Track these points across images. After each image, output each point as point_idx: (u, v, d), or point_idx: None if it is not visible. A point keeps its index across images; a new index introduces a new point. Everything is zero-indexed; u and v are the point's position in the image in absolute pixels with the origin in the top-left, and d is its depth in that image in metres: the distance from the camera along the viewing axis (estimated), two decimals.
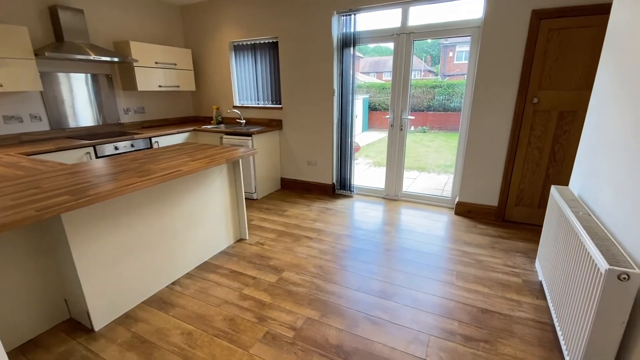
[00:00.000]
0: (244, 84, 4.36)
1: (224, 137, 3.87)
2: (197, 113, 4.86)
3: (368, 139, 10.69)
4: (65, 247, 1.69)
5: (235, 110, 4.31)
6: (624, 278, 1.15)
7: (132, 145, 3.46)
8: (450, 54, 18.32)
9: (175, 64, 4.13)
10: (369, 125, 12.96)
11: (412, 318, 1.88)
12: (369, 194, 4.02)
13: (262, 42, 4.05)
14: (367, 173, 6.11)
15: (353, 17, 3.43)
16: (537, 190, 2.99)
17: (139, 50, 3.71)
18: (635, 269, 1.15)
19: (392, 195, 3.87)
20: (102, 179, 1.78)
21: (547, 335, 1.73)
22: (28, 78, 2.86)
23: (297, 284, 2.20)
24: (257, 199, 3.91)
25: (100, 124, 3.73)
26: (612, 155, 1.56)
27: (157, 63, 3.91)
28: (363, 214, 3.40)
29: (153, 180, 1.78)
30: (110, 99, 3.79)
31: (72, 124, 3.48)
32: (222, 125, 4.38)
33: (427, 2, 3.14)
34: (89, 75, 3.57)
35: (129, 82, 3.79)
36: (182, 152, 2.52)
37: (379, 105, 12.96)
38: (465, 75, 3.16)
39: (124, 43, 3.65)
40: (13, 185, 1.67)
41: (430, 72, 20.84)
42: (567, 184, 2.85)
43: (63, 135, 3.44)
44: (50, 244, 1.78)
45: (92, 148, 3.13)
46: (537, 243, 2.74)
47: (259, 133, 3.77)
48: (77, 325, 1.85)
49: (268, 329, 1.80)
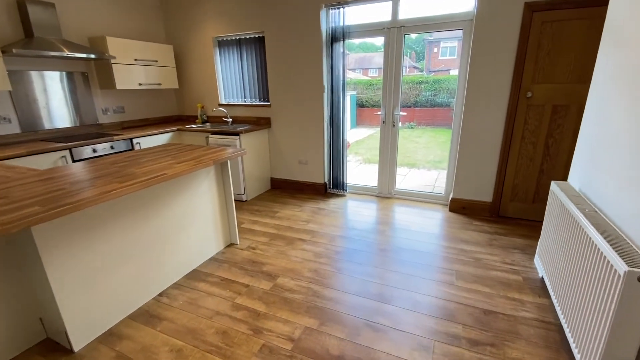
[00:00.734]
0: (230, 81, 4.20)
1: (210, 136, 3.72)
2: (180, 112, 4.66)
3: (357, 136, 10.64)
4: (37, 262, 1.53)
5: (221, 109, 4.15)
6: None
7: (111, 147, 3.27)
8: (435, 50, 18.45)
9: (157, 61, 3.93)
10: (358, 122, 12.93)
11: (414, 323, 1.80)
12: (362, 193, 3.94)
13: (247, 37, 3.90)
14: (358, 170, 6.05)
15: (342, 10, 3.32)
16: (531, 185, 2.97)
17: (117, 47, 3.50)
18: None
19: (385, 193, 3.80)
20: (77, 186, 1.63)
21: (552, 336, 1.69)
22: None
23: (292, 291, 2.10)
24: (246, 201, 3.78)
25: (77, 125, 3.51)
26: (615, 149, 1.52)
27: (136, 60, 3.71)
28: (357, 214, 3.32)
29: (135, 186, 1.64)
30: (87, 99, 3.57)
31: (46, 126, 3.26)
32: (207, 125, 4.22)
33: None
34: (64, 74, 3.34)
35: (107, 80, 3.57)
36: (166, 153, 2.37)
37: (367, 102, 12.92)
38: (458, 70, 3.10)
39: (100, 39, 3.44)
40: None
41: (415, 68, 20.96)
42: (561, 178, 2.84)
43: (36, 138, 3.21)
44: (22, 259, 1.62)
45: (67, 151, 2.93)
46: (533, 239, 2.71)
47: (247, 132, 3.63)
48: (54, 346, 1.70)
49: (264, 342, 1.69)
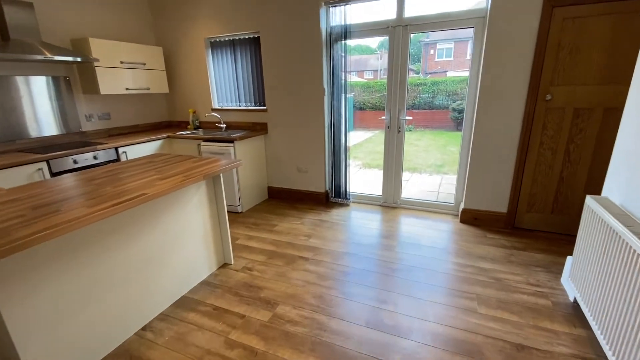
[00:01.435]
0: (223, 85, 3.96)
1: (202, 144, 3.46)
2: (171, 117, 4.40)
3: (355, 139, 10.43)
4: None
5: (214, 114, 3.91)
6: None
7: (95, 158, 3.01)
8: (432, 52, 18.36)
9: (145, 64, 3.67)
10: (355, 125, 12.72)
11: None
12: (366, 202, 3.70)
13: (241, 37, 3.66)
14: (358, 176, 5.81)
15: (343, 8, 3.10)
16: (550, 195, 2.75)
17: (101, 49, 3.25)
18: None
19: (390, 203, 3.56)
20: (39, 212, 1.37)
21: None
22: None
23: (294, 322, 1.85)
24: (242, 212, 3.53)
25: (58, 134, 3.24)
26: None
27: (122, 63, 3.45)
28: (362, 226, 3.08)
29: (106, 212, 1.38)
30: (69, 105, 3.30)
31: (24, 135, 2.99)
32: (199, 131, 3.96)
33: None
34: (43, 79, 3.08)
35: (91, 84, 3.31)
36: (151, 166, 2.11)
37: (364, 105, 12.74)
38: (469, 71, 2.89)
39: (83, 40, 3.18)
40: None
41: (411, 70, 20.85)
42: (583, 188, 2.62)
43: (13, 149, 2.94)
44: None
45: (45, 163, 2.67)
46: (555, 254, 2.49)
47: (242, 139, 3.38)
48: None
49: None
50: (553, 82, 2.52)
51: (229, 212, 3.56)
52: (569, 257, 2.12)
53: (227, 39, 3.74)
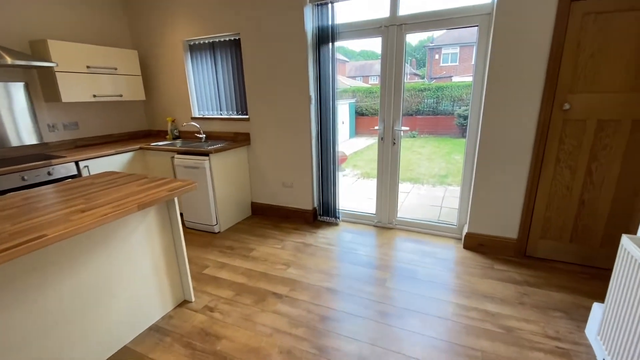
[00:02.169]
0: (204, 91, 3.63)
1: (176, 157, 3.13)
2: (151, 126, 4.09)
3: (356, 146, 10.07)
4: None
5: (193, 123, 3.57)
6: None
7: (49, 174, 2.68)
8: (437, 57, 18.03)
9: (116, 68, 3.36)
10: (357, 131, 12.37)
11: None
12: (358, 221, 3.32)
13: (221, 40, 3.34)
14: (355, 187, 5.44)
15: (331, 6, 2.76)
16: (568, 220, 2.35)
17: (63, 52, 2.94)
18: None
19: (385, 223, 3.18)
20: None
21: None
22: None
23: None
24: (219, 233, 3.17)
25: (13, 146, 2.92)
26: None
27: (89, 67, 3.14)
28: (350, 252, 2.70)
29: None
30: (28, 114, 2.99)
31: None
32: (177, 142, 3.63)
33: None
34: None
35: (52, 92, 3.00)
36: (85, 191, 1.76)
37: (367, 110, 12.40)
38: (473, 73, 2.52)
39: (41, 43, 2.87)
40: None
41: (416, 75, 20.52)
42: (609, 213, 2.22)
43: None
44: None
45: None
46: (577, 293, 2.08)
47: (219, 151, 3.03)
48: None
49: None
50: (572, 89, 2.13)
51: (205, 232, 3.20)
52: (596, 304, 1.72)
53: (206, 42, 3.42)
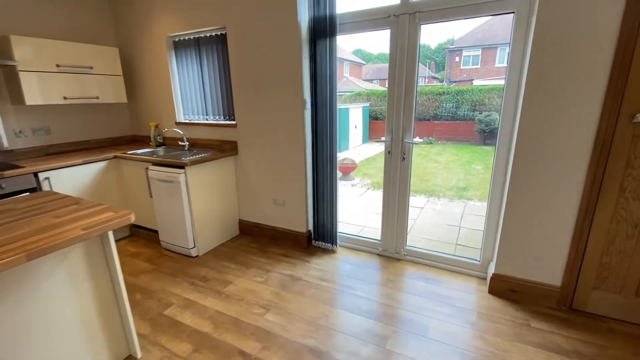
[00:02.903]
0: (189, 93, 3.23)
1: (150, 168, 2.72)
2: (137, 131, 3.72)
3: (369, 152, 9.53)
4: None
5: (176, 129, 3.17)
6: None
7: (1, 188, 2.32)
8: (457, 59, 17.30)
9: (92, 67, 3.00)
10: (371, 136, 11.83)
11: None
12: (360, 248, 2.81)
13: (207, 35, 2.92)
14: (363, 199, 4.93)
15: None
16: (634, 268, 1.77)
17: (28, 49, 2.59)
18: None
19: (392, 252, 2.66)
20: None
21: None
22: None
23: None
24: (196, 257, 2.73)
25: None
26: None
27: (59, 66, 2.79)
28: (347, 292, 2.20)
29: None
30: None
31: None
32: (160, 149, 3.24)
33: None
34: None
35: (17, 93, 2.66)
36: None
37: (381, 115, 11.85)
38: (505, 77, 1.98)
39: (3, 39, 2.54)
40: None
41: (435, 78, 19.76)
42: None
43: None
44: None
45: None
46: None
47: (197, 163, 2.60)
48: None
49: None
50: None
51: (182, 255, 2.78)
52: None
53: (191, 38, 3.01)
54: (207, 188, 2.77)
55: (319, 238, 2.83)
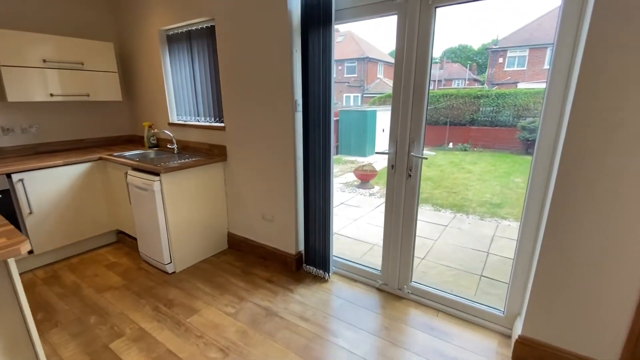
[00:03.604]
0: (182, 92, 2.97)
1: (129, 173, 2.48)
2: (134, 131, 3.55)
3: (380, 161, 8.94)
4: None
5: (166, 131, 2.93)
6: None
7: None
8: (500, 60, 16.08)
9: (82, 63, 2.84)
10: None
11: None
12: (356, 277, 2.37)
13: (198, 28, 2.64)
14: (380, 211, 4.43)
15: None
16: None
17: (11, 43, 2.46)
18: None
19: (393, 288, 2.19)
20: None
21: None
22: None
23: None
24: (173, 274, 2.45)
25: None
26: None
27: (46, 62, 2.64)
28: (326, 342, 1.78)
29: None
30: None
31: None
32: (151, 151, 3.02)
33: None
34: None
35: (2, 90, 2.55)
36: None
37: None
38: (548, 77, 1.46)
39: None
40: None
41: (476, 80, 18.52)
42: None
43: None
44: None
45: None
46: None
47: (173, 170, 2.31)
48: None
49: None
50: None
51: (158, 269, 2.51)
52: None
53: (183, 31, 2.75)
54: (189, 197, 2.48)
55: (310, 262, 2.43)
